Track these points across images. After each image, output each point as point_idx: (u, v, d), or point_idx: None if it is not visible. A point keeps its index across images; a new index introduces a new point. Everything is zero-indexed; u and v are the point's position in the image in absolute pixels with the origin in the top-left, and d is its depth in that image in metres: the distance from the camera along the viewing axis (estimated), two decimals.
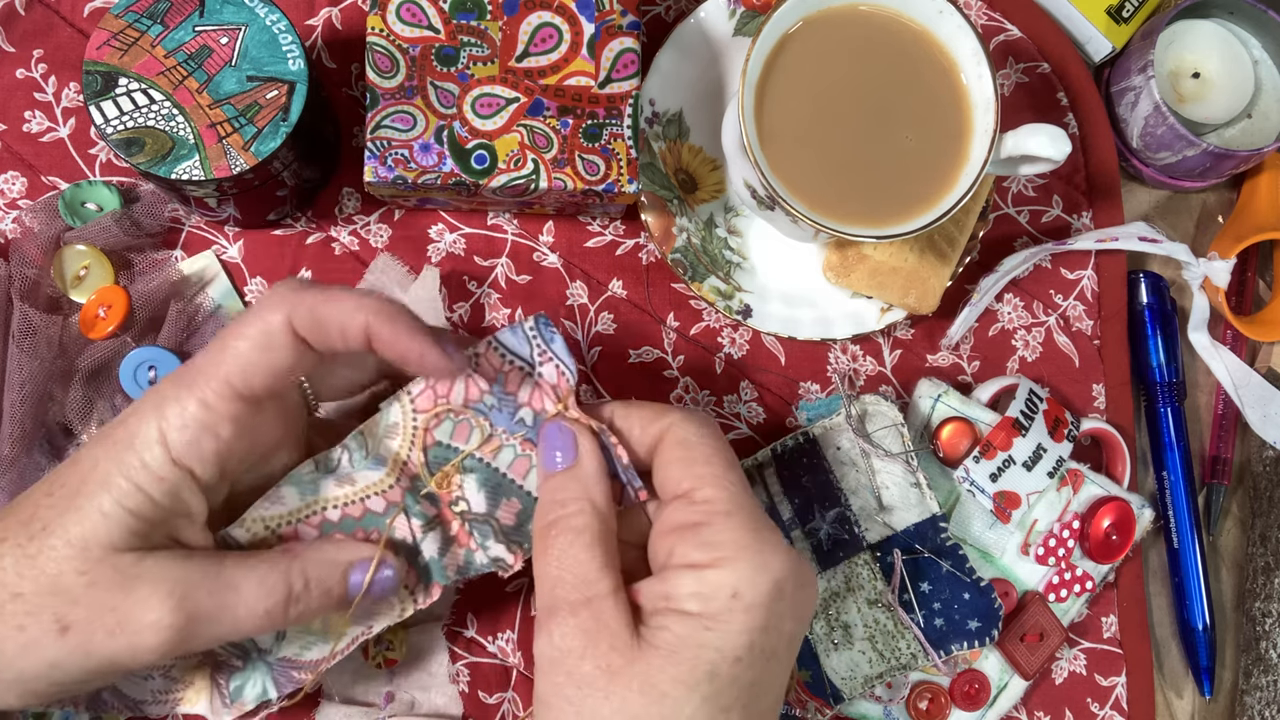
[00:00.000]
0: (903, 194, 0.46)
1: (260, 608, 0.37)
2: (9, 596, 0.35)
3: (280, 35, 0.44)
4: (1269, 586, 0.55)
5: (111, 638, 0.35)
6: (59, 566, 0.35)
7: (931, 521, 0.49)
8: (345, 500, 0.41)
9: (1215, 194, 0.61)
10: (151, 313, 0.48)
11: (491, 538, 0.41)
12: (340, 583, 0.39)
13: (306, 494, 0.41)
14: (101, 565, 0.35)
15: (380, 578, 0.40)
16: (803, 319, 0.52)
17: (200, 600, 0.36)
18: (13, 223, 0.50)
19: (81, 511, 0.35)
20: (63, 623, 0.35)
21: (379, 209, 0.52)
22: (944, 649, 0.48)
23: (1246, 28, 0.57)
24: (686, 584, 0.36)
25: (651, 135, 0.51)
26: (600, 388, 0.52)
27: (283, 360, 0.37)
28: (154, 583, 0.36)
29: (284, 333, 0.37)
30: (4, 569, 0.35)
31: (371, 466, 0.41)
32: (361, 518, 0.41)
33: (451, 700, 0.49)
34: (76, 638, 0.35)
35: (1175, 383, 0.57)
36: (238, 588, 0.37)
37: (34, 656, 0.35)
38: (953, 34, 0.46)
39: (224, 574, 0.37)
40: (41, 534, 0.35)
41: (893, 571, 0.48)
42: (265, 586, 0.37)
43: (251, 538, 0.40)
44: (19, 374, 0.45)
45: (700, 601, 0.36)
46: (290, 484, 0.41)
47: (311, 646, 0.42)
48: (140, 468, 0.36)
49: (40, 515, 0.36)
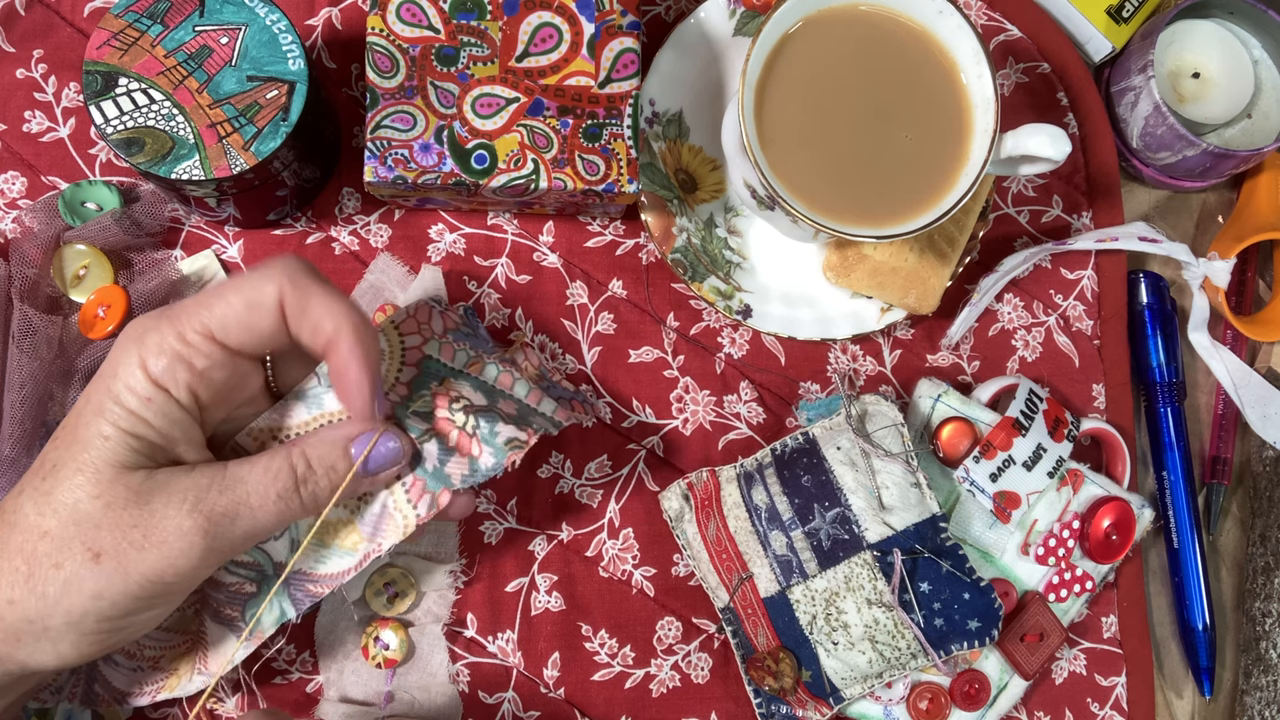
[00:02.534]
0: (903, 194, 0.46)
1: (271, 492, 0.39)
2: (38, 537, 0.36)
3: (280, 35, 0.44)
4: (1269, 586, 0.55)
5: (142, 553, 0.37)
6: (74, 494, 0.37)
7: (931, 521, 0.49)
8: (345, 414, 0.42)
9: (1215, 194, 0.61)
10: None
11: (500, 422, 0.43)
12: (344, 458, 0.41)
13: (313, 408, 0.42)
14: (114, 485, 0.37)
15: (385, 449, 0.41)
16: (803, 319, 0.52)
17: (214, 500, 0.38)
18: (13, 222, 0.50)
19: (84, 441, 0.37)
20: (93, 549, 0.36)
21: (379, 209, 0.52)
22: (944, 649, 0.48)
23: (1246, 28, 0.57)
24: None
25: (651, 135, 0.51)
26: (600, 388, 0.52)
27: (262, 324, 0.38)
28: (167, 493, 0.37)
29: (273, 301, 0.38)
30: (27, 513, 0.37)
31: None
32: None
33: (451, 700, 0.49)
34: (110, 561, 0.36)
35: (1175, 383, 0.57)
36: (245, 480, 0.39)
37: (76, 590, 0.36)
38: (953, 34, 0.46)
39: (229, 472, 0.39)
40: (53, 472, 0.37)
41: (893, 571, 0.48)
42: (270, 473, 0.39)
43: (259, 447, 0.42)
44: (19, 374, 0.45)
45: None
46: (296, 398, 0.42)
47: (326, 559, 0.43)
48: (126, 391, 0.37)
49: (49, 458, 0.38)
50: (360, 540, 0.44)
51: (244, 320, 0.38)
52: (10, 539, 0.37)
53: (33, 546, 0.36)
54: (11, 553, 0.37)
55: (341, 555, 0.43)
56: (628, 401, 0.52)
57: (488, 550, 0.50)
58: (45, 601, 0.36)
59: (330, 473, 0.40)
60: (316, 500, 0.40)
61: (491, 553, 0.50)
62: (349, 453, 0.41)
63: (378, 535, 0.43)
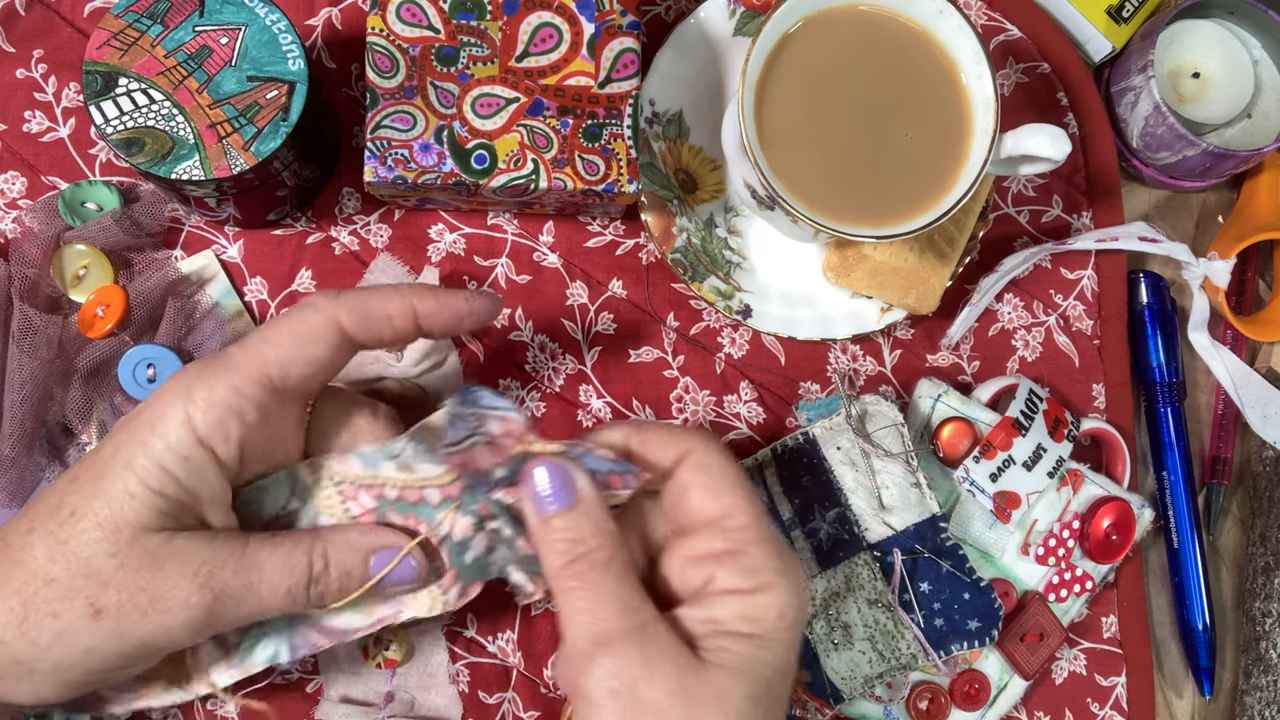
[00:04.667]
0: (903, 194, 0.46)
1: (283, 586, 0.38)
2: (42, 583, 0.36)
3: (280, 35, 0.44)
4: (1269, 586, 0.55)
5: (144, 618, 0.36)
6: (90, 550, 0.36)
7: (931, 521, 0.49)
8: (404, 484, 0.41)
9: (1215, 194, 0.61)
10: (150, 311, 0.48)
11: (513, 564, 0.42)
12: (361, 566, 0.40)
13: (369, 467, 0.41)
14: (132, 547, 0.36)
15: (403, 567, 0.40)
16: (803, 319, 0.52)
17: (226, 579, 0.37)
18: (13, 222, 0.50)
19: (108, 494, 0.36)
20: (96, 606, 0.36)
21: (379, 209, 0.52)
22: (944, 649, 0.48)
23: (1246, 28, 0.57)
24: (734, 608, 0.38)
25: (651, 135, 0.51)
26: (600, 388, 0.52)
27: (321, 353, 0.39)
28: (183, 562, 0.37)
29: (325, 328, 0.39)
30: (35, 556, 0.36)
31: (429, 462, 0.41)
32: (416, 504, 0.41)
33: (451, 700, 0.49)
34: (110, 620, 0.36)
35: (1175, 383, 0.57)
36: (261, 566, 0.38)
37: (69, 643, 0.36)
38: (953, 34, 0.46)
39: (248, 553, 0.38)
40: (70, 519, 0.36)
41: (893, 571, 0.48)
42: (288, 565, 0.38)
43: (316, 481, 0.41)
44: (19, 373, 0.45)
45: (750, 624, 0.38)
46: (356, 454, 0.41)
47: (340, 614, 0.42)
48: (164, 449, 0.36)
49: (67, 502, 0.37)
50: (379, 605, 0.42)
51: (300, 356, 0.38)
52: (12, 577, 0.36)
53: (33, 590, 0.36)
54: (9, 592, 0.36)
55: (355, 613, 0.42)
56: (628, 401, 0.52)
57: None
58: (36, 647, 0.36)
59: (344, 577, 0.40)
60: (322, 600, 0.40)
61: None
62: (368, 563, 0.40)
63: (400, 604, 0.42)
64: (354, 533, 0.40)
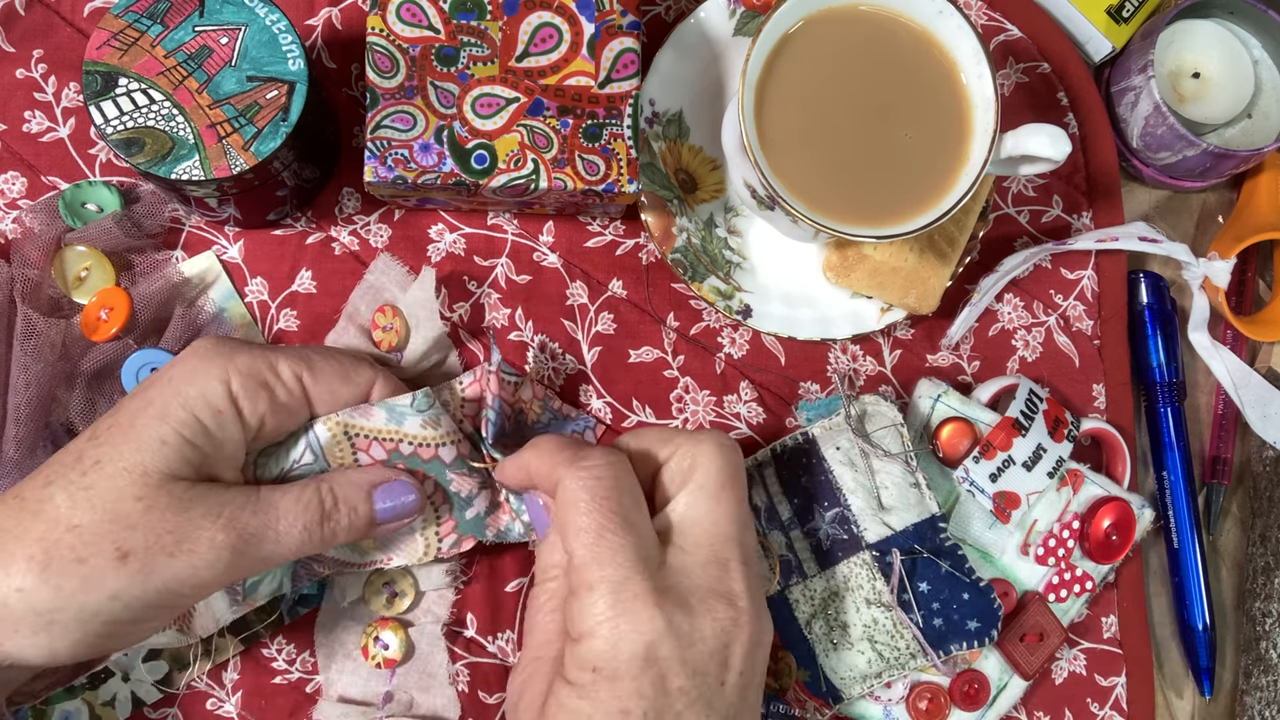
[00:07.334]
0: (903, 194, 0.46)
1: (299, 523, 0.40)
2: (65, 530, 0.36)
3: (280, 35, 0.44)
4: (1269, 586, 0.55)
5: (171, 559, 0.37)
6: (118, 494, 0.37)
7: (931, 522, 0.49)
8: (423, 441, 0.44)
9: (1215, 194, 0.61)
10: (153, 315, 0.48)
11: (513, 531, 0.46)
12: (365, 500, 0.42)
13: (392, 421, 0.43)
14: (159, 491, 0.37)
15: (403, 501, 0.43)
16: (803, 319, 0.52)
17: (247, 519, 0.39)
18: (13, 223, 0.50)
19: (139, 441, 0.38)
20: (122, 549, 0.36)
21: (379, 209, 0.52)
22: (943, 649, 0.48)
23: (1246, 28, 0.57)
24: (569, 655, 0.39)
25: (651, 135, 0.51)
26: (600, 388, 0.52)
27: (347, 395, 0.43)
28: (205, 505, 0.38)
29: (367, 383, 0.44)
30: (56, 505, 0.37)
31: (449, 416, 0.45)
32: (429, 460, 0.44)
33: (450, 701, 0.49)
34: (137, 563, 0.37)
35: (1175, 383, 0.57)
36: (276, 505, 0.40)
37: (94, 588, 0.36)
38: (953, 34, 0.46)
39: (263, 496, 0.40)
40: (95, 468, 0.37)
41: (892, 571, 0.48)
42: (301, 503, 0.41)
43: (331, 437, 0.43)
44: (23, 376, 0.45)
45: (575, 672, 0.38)
46: (383, 407, 0.43)
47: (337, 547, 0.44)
48: (200, 399, 0.39)
49: (90, 453, 0.38)
50: (374, 547, 0.45)
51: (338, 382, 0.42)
52: (31, 527, 0.36)
53: (56, 537, 0.36)
54: (30, 541, 0.36)
55: (351, 551, 0.45)
56: (628, 401, 0.52)
57: (487, 550, 0.50)
58: (60, 594, 0.36)
59: (352, 513, 0.42)
60: (335, 537, 0.42)
61: (491, 552, 0.50)
62: (371, 498, 0.42)
63: (392, 549, 0.45)
64: (353, 471, 0.43)
